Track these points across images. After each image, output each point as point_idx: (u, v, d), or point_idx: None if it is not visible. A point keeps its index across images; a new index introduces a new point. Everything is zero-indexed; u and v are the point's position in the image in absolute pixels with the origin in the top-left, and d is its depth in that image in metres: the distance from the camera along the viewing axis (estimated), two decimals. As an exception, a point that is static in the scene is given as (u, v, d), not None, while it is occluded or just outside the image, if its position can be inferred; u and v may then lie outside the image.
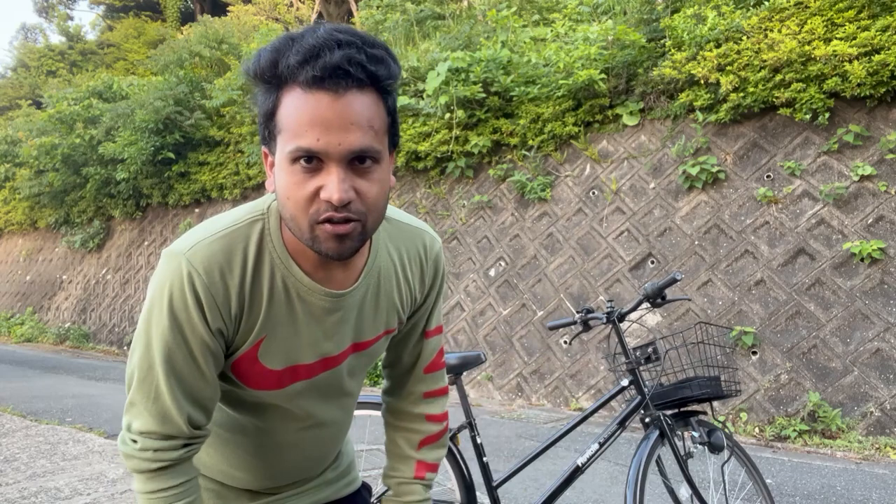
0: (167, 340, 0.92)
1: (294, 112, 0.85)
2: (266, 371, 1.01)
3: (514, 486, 3.66)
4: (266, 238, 0.96)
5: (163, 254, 0.94)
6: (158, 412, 0.94)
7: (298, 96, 0.85)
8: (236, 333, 0.97)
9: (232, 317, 0.95)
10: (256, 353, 0.99)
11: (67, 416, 6.04)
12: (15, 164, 16.24)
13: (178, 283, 0.91)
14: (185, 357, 0.94)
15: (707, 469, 2.48)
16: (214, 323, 0.93)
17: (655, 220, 7.02)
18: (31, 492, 3.73)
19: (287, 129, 0.86)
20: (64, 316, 14.51)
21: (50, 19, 34.07)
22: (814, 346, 5.62)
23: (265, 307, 0.97)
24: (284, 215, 0.91)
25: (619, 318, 2.48)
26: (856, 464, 4.59)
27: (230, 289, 0.94)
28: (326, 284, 1.00)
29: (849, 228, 5.82)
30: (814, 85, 6.07)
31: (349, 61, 0.83)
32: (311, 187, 0.86)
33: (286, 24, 20.64)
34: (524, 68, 8.26)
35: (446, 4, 12.63)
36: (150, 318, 0.93)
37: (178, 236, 6.05)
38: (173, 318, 0.92)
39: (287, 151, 0.86)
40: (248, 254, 0.95)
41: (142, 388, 0.94)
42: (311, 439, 1.15)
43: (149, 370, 0.94)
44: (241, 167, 11.46)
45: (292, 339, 1.00)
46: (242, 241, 0.95)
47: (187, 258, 0.91)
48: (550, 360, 7.10)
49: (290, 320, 0.99)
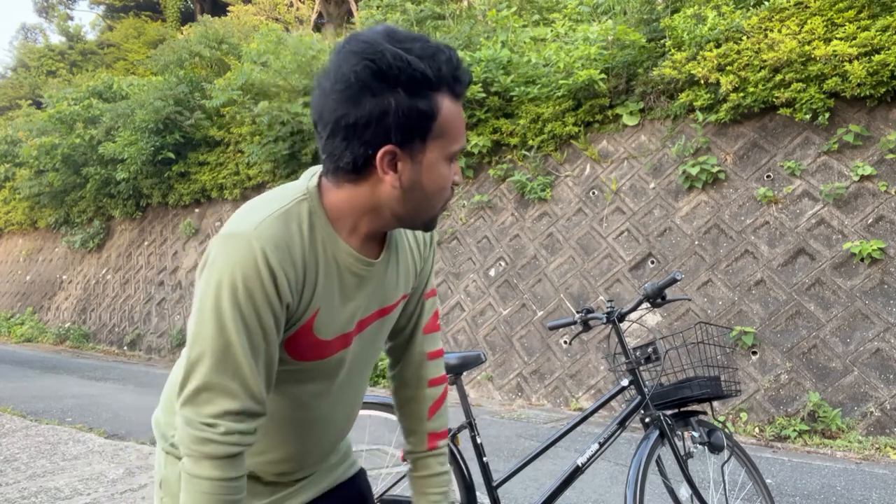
0: (244, 317, 0.96)
1: (452, 119, 0.99)
2: (318, 342, 1.08)
3: (514, 486, 3.66)
4: (314, 216, 1.04)
5: (221, 238, 0.98)
6: (241, 390, 0.97)
7: (450, 104, 0.99)
8: (297, 307, 1.03)
9: (298, 289, 1.01)
10: (312, 326, 1.06)
11: (67, 416, 6.04)
12: (15, 164, 16.24)
13: (250, 261, 0.95)
14: (260, 333, 0.98)
15: (707, 469, 2.48)
16: (285, 297, 0.99)
17: (655, 220, 7.02)
18: (31, 492, 3.73)
19: (448, 134, 1.00)
20: (64, 316, 14.51)
21: (50, 19, 34.09)
22: (814, 346, 5.62)
23: (320, 279, 1.04)
24: (422, 201, 1.03)
25: (619, 318, 2.48)
26: (856, 464, 4.60)
27: (296, 263, 1.00)
28: (363, 255, 1.10)
29: (849, 228, 5.82)
30: (814, 85, 6.07)
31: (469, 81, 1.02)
32: (452, 176, 1.04)
33: (286, 23, 20.64)
34: (524, 68, 8.26)
35: (446, 4, 12.63)
36: (220, 298, 0.96)
37: (178, 236, 6.03)
38: (248, 295, 0.95)
39: (451, 151, 1.01)
40: (303, 230, 1.02)
41: (219, 368, 0.96)
42: (339, 413, 1.21)
43: (226, 350, 0.96)
44: (241, 167, 11.46)
45: (340, 308, 1.09)
46: (296, 219, 1.02)
47: (256, 237, 0.96)
48: (550, 360, 7.10)
49: (339, 290, 1.07)
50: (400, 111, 0.94)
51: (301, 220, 1.02)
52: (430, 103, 0.96)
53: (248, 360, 0.97)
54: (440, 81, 0.96)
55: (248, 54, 11.47)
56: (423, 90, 0.95)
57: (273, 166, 10.54)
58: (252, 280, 0.95)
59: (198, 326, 0.98)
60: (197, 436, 0.97)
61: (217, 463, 0.97)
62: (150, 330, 12.15)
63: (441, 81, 0.96)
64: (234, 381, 0.97)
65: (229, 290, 0.95)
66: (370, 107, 0.94)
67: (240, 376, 0.97)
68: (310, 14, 22.37)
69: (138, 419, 5.93)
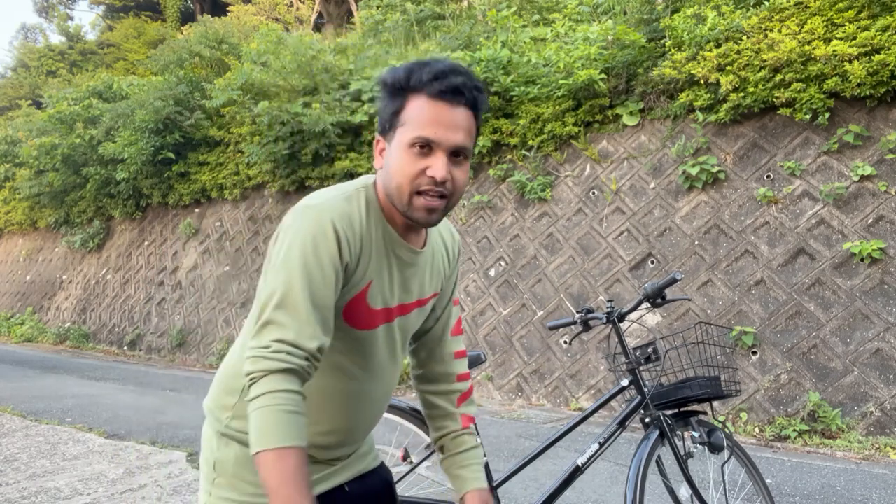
0: (309, 269, 1.15)
1: (419, 112, 1.18)
2: (369, 310, 1.27)
3: (514, 486, 3.66)
4: (370, 203, 1.26)
5: (298, 208, 1.21)
6: (296, 327, 1.14)
7: (424, 102, 1.18)
8: (355, 271, 1.23)
9: (356, 254, 1.22)
10: (366, 295, 1.25)
11: (67, 416, 6.03)
12: (15, 164, 16.23)
13: (321, 226, 1.17)
14: (322, 283, 1.17)
15: (707, 469, 2.48)
16: (345, 257, 1.19)
17: (655, 220, 7.02)
18: (31, 492, 3.73)
19: (410, 123, 1.18)
20: (64, 316, 14.51)
21: (50, 19, 34.08)
22: (814, 346, 5.62)
23: (373, 255, 1.25)
24: (390, 186, 1.22)
25: (619, 318, 2.48)
26: (856, 464, 4.59)
27: (355, 233, 1.21)
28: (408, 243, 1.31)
29: (849, 228, 5.82)
30: (814, 85, 6.07)
31: (464, 86, 1.18)
32: (421, 166, 1.18)
33: (286, 24, 20.64)
34: (524, 68, 8.26)
35: (446, 4, 12.62)
36: (292, 253, 1.16)
37: (178, 236, 6.07)
38: (316, 251, 1.16)
39: (409, 137, 1.18)
40: (362, 212, 1.24)
41: (282, 307, 1.14)
42: (377, 390, 1.36)
43: (289, 293, 1.14)
44: (241, 167, 11.46)
45: (387, 283, 1.28)
46: (357, 203, 1.24)
47: (326, 209, 1.19)
48: (550, 360, 7.10)
49: (388, 267, 1.28)
50: (383, 110, 1.24)
51: (360, 204, 1.24)
52: (401, 102, 1.20)
53: (307, 304, 1.14)
54: (415, 86, 1.19)
55: (248, 54, 11.46)
56: (399, 92, 1.21)
57: (273, 166, 10.54)
58: (320, 239, 1.17)
59: (272, 276, 1.17)
60: (255, 357, 1.12)
61: (272, 377, 1.10)
62: (150, 330, 12.15)
63: (416, 86, 1.18)
64: (293, 319, 1.14)
65: (300, 246, 1.16)
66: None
67: (297, 316, 1.14)
68: (310, 14, 22.36)
69: (138, 419, 5.93)
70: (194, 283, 11.83)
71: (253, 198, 11.67)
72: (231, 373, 1.34)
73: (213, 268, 11.63)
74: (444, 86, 1.17)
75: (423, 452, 2.33)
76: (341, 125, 9.52)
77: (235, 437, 1.29)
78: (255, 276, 10.78)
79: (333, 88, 9.99)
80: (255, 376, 1.11)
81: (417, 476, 2.42)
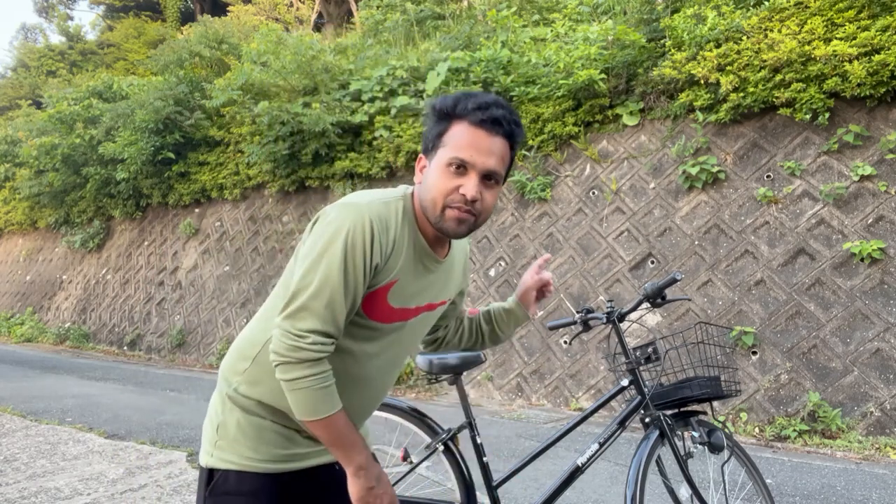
0: (346, 262, 1.28)
1: (460, 136, 1.33)
2: (387, 307, 1.39)
3: (514, 486, 3.66)
4: (406, 212, 1.39)
5: (341, 205, 1.33)
6: (329, 317, 1.29)
7: (466, 127, 1.33)
8: (383, 269, 1.35)
9: (386, 256, 1.34)
10: (388, 292, 1.37)
11: (67, 416, 6.03)
12: (15, 164, 16.22)
13: (359, 224, 1.29)
14: (354, 277, 1.30)
15: (707, 469, 2.48)
16: (377, 257, 1.31)
17: (655, 220, 7.02)
18: (31, 492, 3.73)
19: (450, 145, 1.34)
20: (64, 316, 14.51)
21: (50, 19, 34.07)
22: (814, 346, 5.62)
23: (402, 258, 1.37)
24: (425, 199, 1.36)
25: (619, 318, 2.48)
26: (856, 464, 4.60)
27: (389, 237, 1.34)
28: (433, 253, 1.46)
29: (849, 228, 5.82)
30: (814, 85, 6.07)
31: (503, 118, 1.33)
32: (455, 184, 1.33)
33: (286, 23, 20.64)
34: (524, 68, 8.26)
35: (446, 4, 12.63)
36: (332, 246, 1.28)
37: (178, 236, 6.08)
38: (353, 247, 1.28)
39: (447, 158, 1.33)
40: (398, 218, 1.37)
41: (319, 296, 1.28)
42: (381, 379, 1.50)
43: (327, 283, 1.28)
44: (241, 167, 11.46)
45: (410, 286, 1.41)
46: (394, 209, 1.37)
47: (367, 209, 1.31)
48: (550, 360, 7.10)
49: (414, 271, 1.41)
50: (428, 132, 1.39)
51: (397, 211, 1.37)
52: (446, 126, 1.35)
53: (341, 296, 1.29)
54: (460, 113, 1.34)
55: (248, 54, 11.46)
56: (444, 118, 1.36)
57: (273, 166, 10.54)
58: (359, 237, 1.28)
59: (311, 263, 1.29)
60: (291, 344, 1.27)
61: (307, 364, 1.28)
62: (150, 330, 12.15)
63: (461, 113, 1.33)
64: (327, 308, 1.28)
65: (342, 240, 1.28)
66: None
67: (331, 306, 1.29)
68: (310, 14, 22.36)
69: (138, 419, 5.93)
70: (194, 283, 11.83)
71: (253, 198, 11.67)
72: (248, 342, 1.46)
73: (213, 268, 11.63)
74: (486, 115, 1.32)
75: (423, 452, 2.33)
76: (341, 125, 9.52)
77: (240, 402, 1.42)
78: (255, 276, 10.78)
79: (333, 88, 9.99)
80: (290, 361, 1.27)
81: (417, 476, 2.42)
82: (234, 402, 1.42)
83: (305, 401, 1.29)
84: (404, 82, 9.33)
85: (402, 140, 8.95)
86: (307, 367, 1.28)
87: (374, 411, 1.60)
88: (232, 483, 1.39)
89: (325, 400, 1.30)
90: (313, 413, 1.30)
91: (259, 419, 1.41)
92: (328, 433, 1.32)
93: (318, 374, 1.29)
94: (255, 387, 1.41)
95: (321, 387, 1.29)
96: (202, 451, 1.45)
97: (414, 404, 2.44)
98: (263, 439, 1.41)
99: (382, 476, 1.37)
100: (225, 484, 1.39)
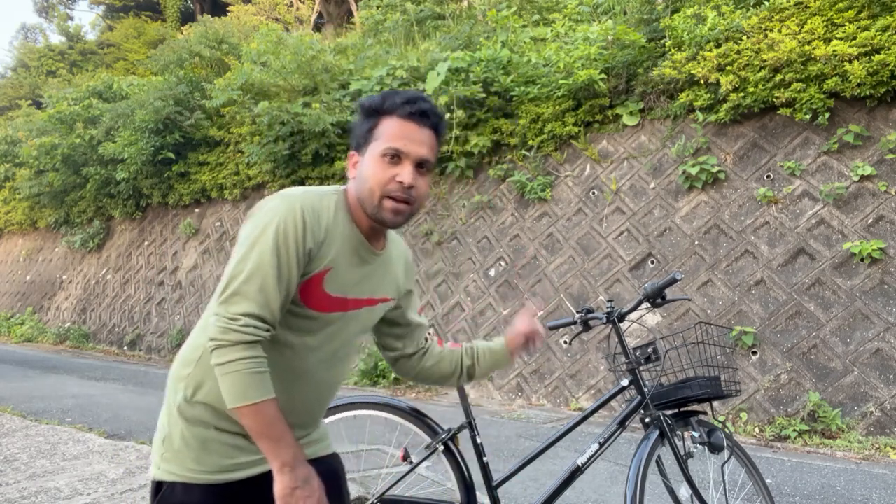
0: (279, 248, 1.32)
1: (391, 129, 1.41)
2: (324, 295, 1.42)
3: (514, 486, 3.66)
4: (340, 205, 1.45)
5: (276, 196, 1.39)
6: (263, 301, 1.31)
7: (396, 121, 1.42)
8: (317, 255, 1.39)
9: (319, 242, 1.39)
10: (323, 279, 1.41)
11: (67, 416, 6.04)
12: (15, 164, 16.23)
13: (291, 212, 1.34)
14: (287, 262, 1.33)
15: (707, 469, 2.48)
16: (308, 243, 1.36)
17: (655, 220, 7.02)
18: (31, 492, 3.73)
19: (383, 138, 1.41)
20: (64, 316, 14.51)
21: (50, 19, 34.07)
22: (814, 346, 5.62)
23: (335, 246, 1.42)
24: (363, 190, 1.42)
25: (619, 318, 2.48)
26: (856, 464, 4.60)
27: (321, 225, 1.39)
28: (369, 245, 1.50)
29: (849, 228, 5.82)
30: (814, 85, 6.07)
31: (430, 111, 1.44)
32: (391, 173, 1.40)
33: (286, 23, 20.64)
34: (524, 68, 8.26)
35: (446, 4, 12.62)
36: (265, 232, 1.32)
37: (178, 236, 6.10)
38: (285, 233, 1.33)
39: (381, 148, 1.40)
40: (331, 210, 1.42)
41: (252, 281, 1.30)
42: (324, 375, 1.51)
43: (260, 268, 1.31)
44: (241, 167, 11.46)
45: (346, 275, 1.45)
46: (328, 202, 1.43)
47: (299, 199, 1.37)
48: (550, 360, 7.10)
49: (349, 261, 1.45)
50: (357, 129, 1.47)
51: (330, 204, 1.43)
52: (375, 121, 1.43)
53: (274, 280, 1.31)
54: (388, 108, 1.42)
55: (248, 54, 11.46)
56: (374, 114, 1.44)
57: (273, 166, 10.55)
58: (290, 223, 1.33)
59: (244, 251, 1.33)
60: (225, 327, 1.28)
61: (240, 347, 1.28)
62: (150, 330, 12.15)
63: (389, 108, 1.42)
64: (261, 293, 1.30)
65: (274, 228, 1.32)
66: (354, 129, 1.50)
67: (265, 291, 1.31)
68: (310, 14, 22.36)
69: (138, 419, 5.93)
70: (194, 283, 11.83)
71: (253, 198, 11.67)
72: (190, 348, 1.46)
73: (213, 268, 11.63)
74: (415, 108, 1.42)
75: (423, 452, 2.33)
76: (341, 125, 9.52)
77: (185, 413, 1.41)
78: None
79: (333, 88, 9.99)
80: (223, 344, 1.28)
81: (417, 476, 2.42)
82: (180, 414, 1.41)
83: (236, 384, 1.27)
84: (404, 82, 9.33)
85: (402, 140, 8.95)
86: (240, 349, 1.27)
87: (323, 410, 1.58)
88: (178, 495, 1.39)
89: (256, 386, 1.28)
90: (242, 398, 1.27)
91: (203, 430, 1.40)
92: (256, 422, 1.29)
93: (250, 357, 1.28)
94: (199, 389, 1.41)
95: (253, 371, 1.28)
96: (152, 464, 1.46)
97: (414, 404, 2.44)
98: (208, 450, 1.40)
99: (312, 479, 1.32)
100: (171, 496, 1.40)
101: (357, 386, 8.06)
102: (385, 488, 2.31)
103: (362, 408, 2.40)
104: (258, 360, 1.29)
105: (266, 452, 1.31)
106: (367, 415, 2.40)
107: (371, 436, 2.72)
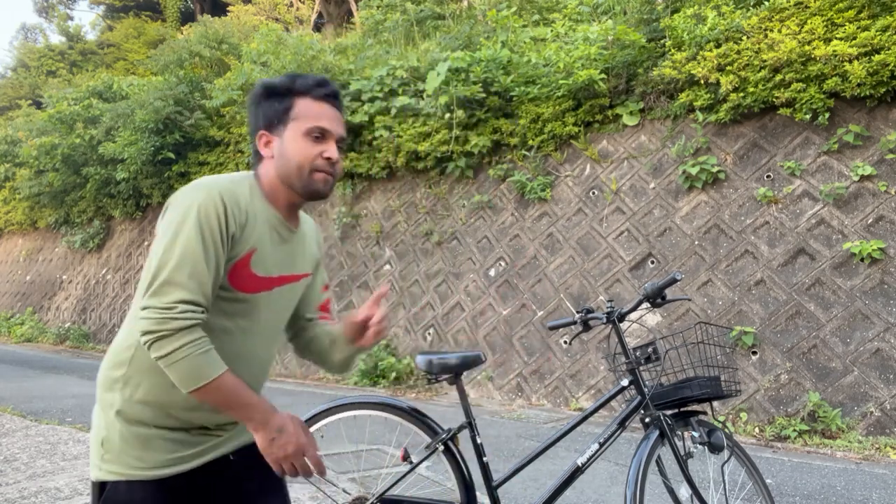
0: (203, 232, 1.33)
1: (311, 109, 1.48)
2: (252, 275, 1.45)
3: (514, 486, 3.66)
4: (254, 188, 1.50)
5: (190, 186, 1.40)
6: (195, 286, 1.31)
7: (312, 102, 1.49)
8: (240, 239, 1.41)
9: (241, 225, 1.41)
10: (249, 261, 1.44)
11: (67, 416, 6.04)
12: (15, 164, 16.22)
13: (210, 200, 1.36)
14: (214, 245, 1.35)
15: (707, 469, 2.48)
16: (231, 226, 1.38)
17: (655, 220, 7.02)
18: (31, 492, 3.73)
19: (305, 118, 1.47)
20: (64, 316, 14.51)
21: (50, 19, 34.06)
22: (814, 346, 5.62)
23: (257, 228, 1.45)
24: (289, 167, 1.47)
25: (619, 318, 2.48)
26: (856, 464, 4.60)
27: (240, 209, 1.41)
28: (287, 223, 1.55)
29: (849, 228, 5.82)
30: (814, 85, 6.07)
31: (337, 94, 1.54)
32: (318, 150, 1.47)
33: (286, 23, 20.63)
34: (524, 68, 8.26)
35: (446, 4, 12.63)
36: (186, 222, 1.33)
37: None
38: (207, 218, 1.34)
39: (306, 127, 1.47)
40: (246, 194, 1.46)
41: (182, 268, 1.30)
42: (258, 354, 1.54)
43: (186, 255, 1.31)
44: (241, 167, 11.45)
45: (270, 254, 1.49)
46: (242, 187, 1.46)
47: (215, 186, 1.39)
48: (550, 360, 7.10)
49: (271, 241, 1.49)
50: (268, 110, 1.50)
51: (244, 188, 1.46)
52: (289, 102, 1.48)
53: (203, 265, 1.33)
54: (300, 89, 1.48)
55: (248, 54, 11.46)
56: (286, 94, 1.49)
57: (273, 166, 10.53)
58: (211, 208, 1.35)
59: (168, 241, 1.33)
60: (161, 318, 1.27)
61: (181, 333, 1.28)
62: (150, 330, 12.14)
63: (301, 89, 1.48)
64: (192, 279, 1.31)
65: (195, 215, 1.34)
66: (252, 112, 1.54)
67: (196, 276, 1.32)
68: (310, 14, 22.36)
69: (138, 419, 5.92)
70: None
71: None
72: (120, 348, 1.44)
73: (213, 268, 11.63)
74: (327, 90, 1.51)
75: (423, 452, 2.33)
76: (341, 125, 9.51)
77: (124, 414, 1.41)
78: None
79: (333, 88, 9.98)
80: (164, 334, 1.27)
81: (417, 476, 2.42)
82: (118, 415, 1.40)
83: (188, 369, 1.28)
84: (404, 82, 9.33)
85: (402, 140, 8.95)
86: (182, 335, 1.28)
87: (261, 389, 1.58)
88: (122, 493, 1.39)
89: (208, 364, 1.30)
90: (199, 379, 1.29)
91: (144, 429, 1.40)
92: (219, 396, 1.32)
93: (194, 340, 1.29)
94: (138, 389, 1.40)
95: (201, 352, 1.29)
96: (91, 467, 1.45)
97: (414, 404, 2.44)
98: (149, 447, 1.40)
99: (286, 424, 1.37)
100: (115, 495, 1.39)
101: (357, 386, 8.06)
102: (385, 488, 2.31)
103: (362, 408, 2.40)
104: (202, 341, 1.30)
105: (240, 419, 1.37)
106: (367, 415, 2.40)
107: (371, 436, 2.72)
